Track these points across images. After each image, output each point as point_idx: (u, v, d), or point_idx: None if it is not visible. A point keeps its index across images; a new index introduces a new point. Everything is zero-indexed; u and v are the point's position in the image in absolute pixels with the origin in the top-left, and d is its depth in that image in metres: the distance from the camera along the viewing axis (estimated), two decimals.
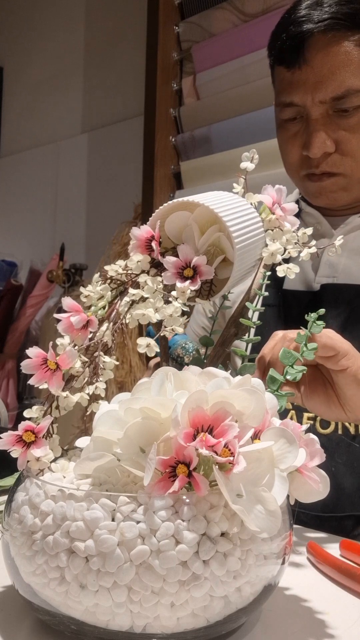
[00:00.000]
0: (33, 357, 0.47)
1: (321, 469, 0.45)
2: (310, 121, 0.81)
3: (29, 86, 2.96)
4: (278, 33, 0.82)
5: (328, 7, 0.77)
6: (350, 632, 0.47)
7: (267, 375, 0.54)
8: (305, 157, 0.83)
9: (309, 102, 0.80)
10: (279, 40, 0.82)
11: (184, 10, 1.95)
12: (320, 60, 0.77)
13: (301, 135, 0.83)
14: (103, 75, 2.59)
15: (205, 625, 0.41)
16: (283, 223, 0.58)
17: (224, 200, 0.55)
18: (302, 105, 0.81)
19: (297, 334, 0.55)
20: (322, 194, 0.85)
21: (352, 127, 0.80)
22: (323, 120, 0.80)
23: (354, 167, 0.82)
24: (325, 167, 0.82)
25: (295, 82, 0.80)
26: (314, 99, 0.79)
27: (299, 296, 0.87)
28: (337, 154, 0.81)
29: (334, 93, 0.78)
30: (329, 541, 0.65)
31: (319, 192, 0.85)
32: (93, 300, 0.53)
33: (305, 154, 0.82)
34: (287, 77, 0.81)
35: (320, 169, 0.82)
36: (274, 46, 0.84)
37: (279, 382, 0.53)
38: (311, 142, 0.80)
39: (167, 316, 0.49)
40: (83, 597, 0.39)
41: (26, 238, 2.89)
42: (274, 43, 0.84)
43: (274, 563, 0.44)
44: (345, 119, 0.79)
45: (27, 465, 0.46)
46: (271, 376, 0.53)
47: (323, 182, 0.83)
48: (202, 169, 1.83)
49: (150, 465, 0.39)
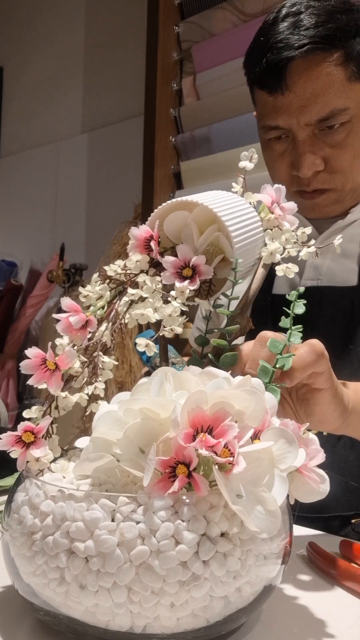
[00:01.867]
0: (32, 357, 0.47)
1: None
2: (297, 142, 0.80)
3: (29, 86, 2.96)
4: (256, 57, 0.81)
5: (306, 30, 0.75)
6: (350, 632, 0.47)
7: (258, 370, 0.53)
8: (294, 175, 0.82)
9: (295, 125, 0.79)
10: (257, 65, 0.80)
11: (184, 10, 1.95)
12: (303, 85, 0.76)
13: (289, 154, 0.82)
14: (103, 75, 2.59)
15: (205, 626, 0.41)
16: (282, 222, 0.58)
17: (223, 199, 0.55)
18: (288, 129, 0.80)
19: (271, 340, 0.53)
20: (316, 209, 0.85)
21: (338, 143, 0.79)
22: (310, 140, 0.79)
23: (344, 181, 0.82)
24: (316, 185, 0.82)
25: (278, 107, 0.79)
26: (300, 123, 0.78)
27: (286, 301, 0.87)
28: (325, 171, 0.81)
29: (319, 115, 0.77)
30: (329, 541, 0.65)
31: (311, 207, 0.85)
32: (92, 300, 0.53)
33: (294, 174, 0.82)
34: (269, 102, 0.80)
35: (312, 187, 0.82)
36: (252, 69, 0.83)
37: (271, 372, 0.52)
38: (301, 163, 0.79)
39: (166, 316, 0.49)
40: (83, 598, 0.39)
41: (26, 238, 2.89)
42: (253, 66, 0.82)
43: (274, 563, 0.44)
44: (332, 136, 0.79)
45: (27, 466, 0.46)
46: (262, 367, 0.52)
47: (315, 200, 0.83)
48: (202, 169, 1.83)
49: (150, 465, 0.39)
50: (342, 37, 0.76)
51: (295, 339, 0.54)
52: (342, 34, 0.76)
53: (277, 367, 0.51)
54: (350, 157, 0.80)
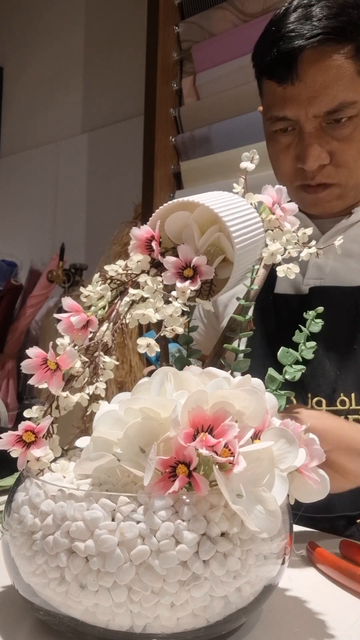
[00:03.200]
0: (33, 357, 0.47)
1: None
2: (304, 134, 0.80)
3: (29, 86, 2.96)
4: (266, 47, 0.81)
5: (318, 21, 0.76)
6: (350, 632, 0.47)
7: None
8: (299, 168, 0.82)
9: (303, 117, 0.79)
10: (267, 54, 0.80)
11: (184, 10, 1.95)
12: (313, 75, 0.77)
13: (294, 147, 0.82)
14: (103, 75, 2.59)
15: (205, 625, 0.41)
16: (283, 223, 0.58)
17: (224, 200, 0.55)
18: (296, 120, 0.80)
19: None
20: (318, 204, 0.85)
21: (345, 138, 0.80)
22: (317, 133, 0.80)
23: (348, 176, 0.82)
24: (320, 179, 0.82)
25: (287, 97, 0.79)
26: (308, 114, 0.79)
27: (289, 300, 0.87)
28: (331, 165, 0.81)
29: (328, 107, 0.78)
30: (329, 541, 0.65)
31: (314, 202, 0.85)
32: (93, 300, 0.53)
33: (299, 167, 0.82)
34: (278, 92, 0.80)
35: (316, 181, 0.82)
36: (261, 60, 0.83)
37: (278, 382, 0.53)
38: (306, 155, 0.80)
39: (167, 316, 0.49)
40: (83, 597, 0.39)
41: (26, 238, 2.89)
42: (262, 56, 0.82)
43: (274, 563, 0.44)
44: (339, 130, 0.79)
45: (27, 465, 0.46)
46: (270, 375, 0.53)
47: (319, 194, 0.83)
48: (202, 169, 1.83)
49: (150, 465, 0.39)
50: (354, 31, 0.76)
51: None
52: (354, 27, 0.76)
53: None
54: (355, 152, 0.80)
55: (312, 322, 0.55)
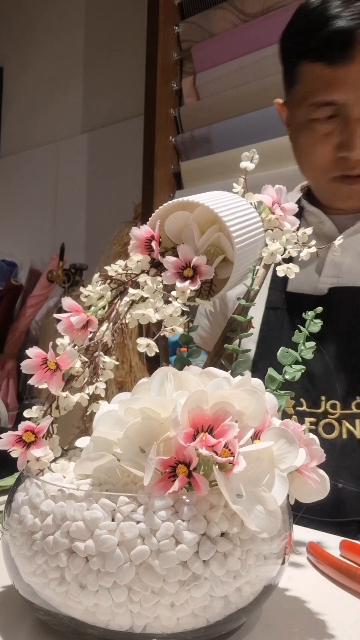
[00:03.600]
0: (33, 357, 0.47)
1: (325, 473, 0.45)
2: (349, 120, 0.78)
3: (29, 86, 2.96)
4: (310, 29, 0.79)
5: None
6: (350, 632, 0.47)
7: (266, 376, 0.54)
8: (339, 158, 0.80)
9: (352, 100, 0.77)
10: (314, 35, 0.78)
11: (184, 10, 1.95)
12: None
13: (337, 135, 0.80)
14: (103, 75, 2.59)
15: (205, 625, 0.41)
16: (283, 223, 0.58)
17: (224, 200, 0.55)
18: (343, 104, 0.78)
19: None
20: (353, 197, 0.83)
21: None
22: None
23: None
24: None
25: (337, 79, 0.77)
26: (358, 97, 0.77)
27: (304, 298, 0.85)
28: None
29: None
30: (329, 541, 0.65)
31: (348, 195, 0.83)
32: (93, 300, 0.53)
33: (341, 156, 0.80)
34: (326, 75, 0.78)
35: (357, 171, 0.80)
36: (306, 41, 0.80)
37: (278, 382, 0.53)
38: (354, 142, 0.78)
39: (167, 316, 0.49)
40: (83, 597, 0.39)
41: (26, 238, 2.89)
42: (306, 38, 0.80)
43: (274, 563, 0.44)
44: None
45: (27, 465, 0.46)
46: (270, 375, 0.53)
47: (358, 185, 0.82)
48: (202, 169, 1.83)
49: (150, 465, 0.39)
50: None
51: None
52: None
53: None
54: None
55: (311, 322, 0.55)
